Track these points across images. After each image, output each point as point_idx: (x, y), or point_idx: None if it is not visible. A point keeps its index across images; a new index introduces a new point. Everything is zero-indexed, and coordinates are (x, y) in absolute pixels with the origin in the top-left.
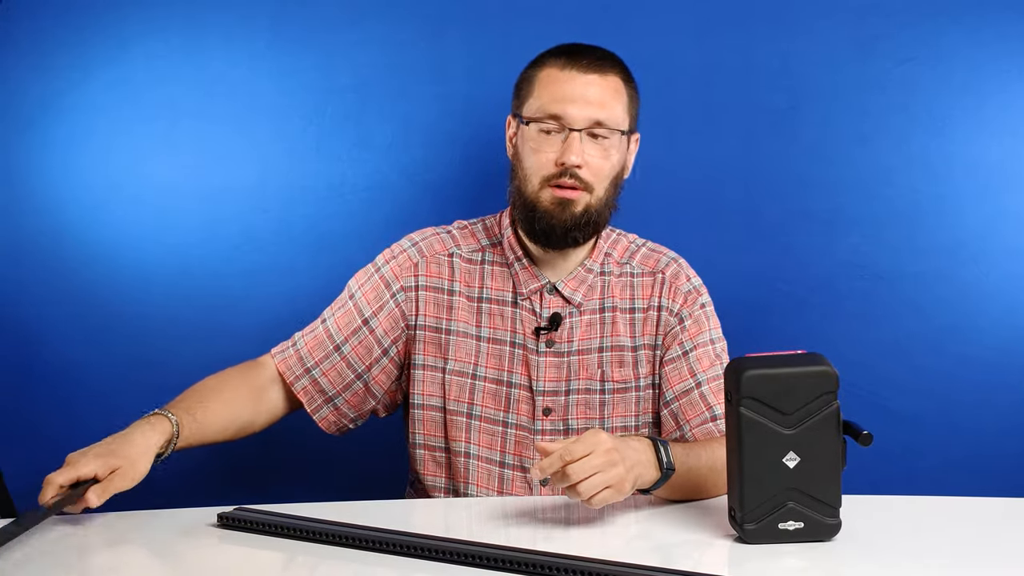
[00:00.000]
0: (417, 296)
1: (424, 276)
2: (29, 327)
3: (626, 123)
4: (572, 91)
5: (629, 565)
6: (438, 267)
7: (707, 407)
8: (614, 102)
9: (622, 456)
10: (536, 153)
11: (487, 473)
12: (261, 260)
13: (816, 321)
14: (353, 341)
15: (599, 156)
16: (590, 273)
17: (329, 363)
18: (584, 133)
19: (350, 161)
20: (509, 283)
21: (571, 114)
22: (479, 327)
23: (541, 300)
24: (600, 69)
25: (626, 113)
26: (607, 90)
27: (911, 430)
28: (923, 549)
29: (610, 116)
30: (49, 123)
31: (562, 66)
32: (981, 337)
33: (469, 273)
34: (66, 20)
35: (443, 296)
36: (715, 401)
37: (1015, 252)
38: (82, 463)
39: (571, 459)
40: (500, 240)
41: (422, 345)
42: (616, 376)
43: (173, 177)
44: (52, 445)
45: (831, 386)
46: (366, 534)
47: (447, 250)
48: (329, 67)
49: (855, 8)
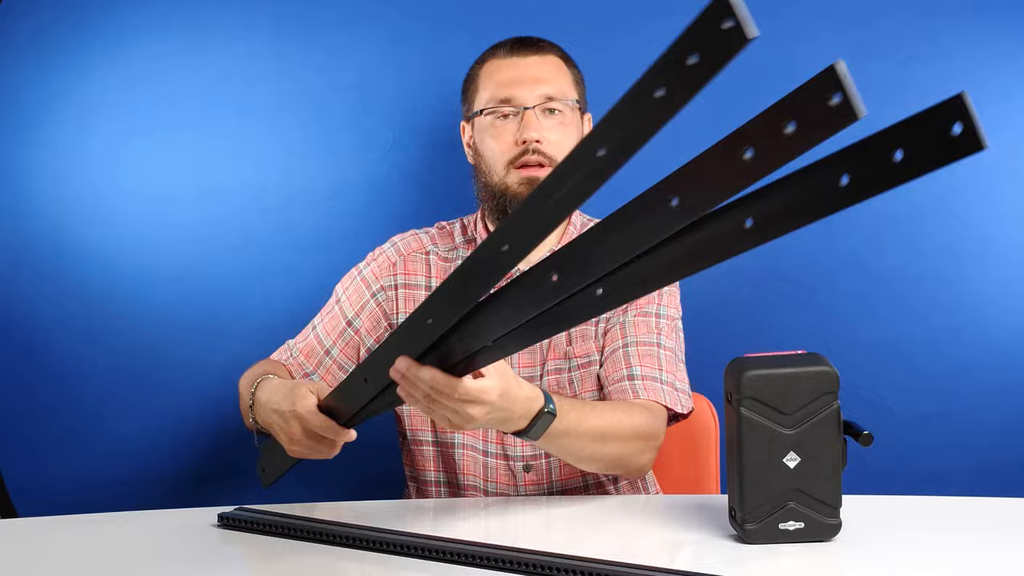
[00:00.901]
0: (397, 295)
1: (402, 275)
2: (29, 327)
3: (576, 96)
4: (517, 73)
5: (629, 565)
6: (415, 265)
7: (627, 366)
8: (559, 77)
9: (495, 414)
10: (495, 139)
11: (474, 461)
12: (261, 260)
13: (817, 321)
14: (340, 343)
15: (557, 131)
16: None
17: (324, 368)
18: (538, 109)
19: (350, 161)
20: None
21: (521, 94)
22: None
23: None
24: (539, 51)
25: (573, 88)
26: (550, 67)
27: (912, 430)
28: (924, 549)
29: (559, 90)
30: (49, 123)
31: (503, 55)
32: (981, 338)
33: (445, 270)
34: (65, 20)
35: (420, 292)
36: (637, 363)
37: (1016, 252)
38: (315, 418)
39: (462, 398)
40: (474, 237)
41: None
42: (578, 351)
43: (173, 177)
44: (52, 445)
45: (832, 386)
46: (366, 534)
47: (423, 248)
48: (330, 67)
49: (855, 8)
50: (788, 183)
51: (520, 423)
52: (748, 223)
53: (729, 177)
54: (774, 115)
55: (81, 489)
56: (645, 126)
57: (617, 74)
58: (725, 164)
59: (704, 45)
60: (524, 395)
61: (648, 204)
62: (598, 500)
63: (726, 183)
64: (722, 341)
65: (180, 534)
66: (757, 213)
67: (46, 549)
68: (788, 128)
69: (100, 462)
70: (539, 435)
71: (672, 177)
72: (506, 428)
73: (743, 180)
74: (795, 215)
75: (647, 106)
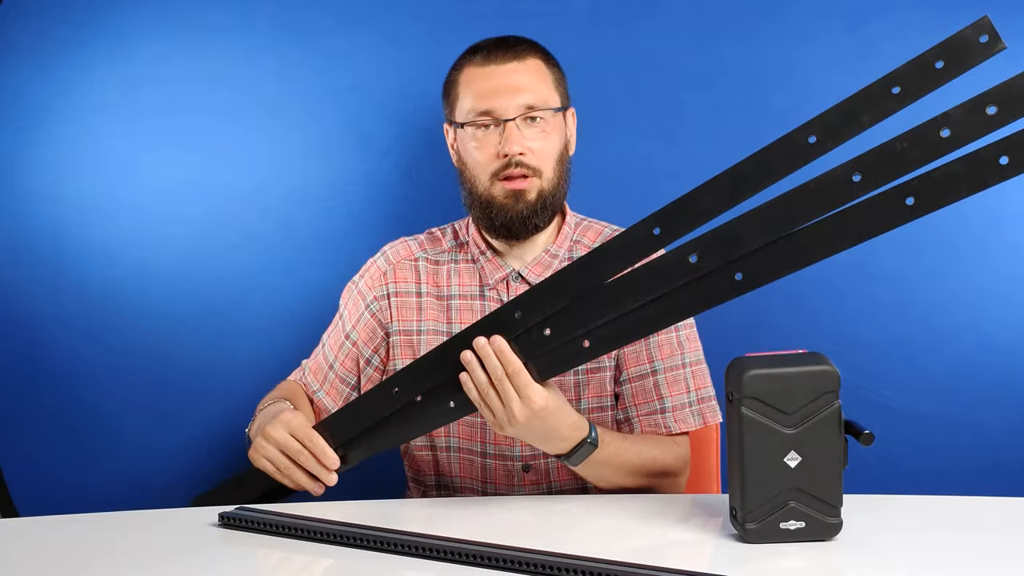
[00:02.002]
0: (390, 303)
1: (393, 283)
2: (30, 326)
3: (557, 100)
4: (496, 83)
5: (629, 565)
6: (404, 272)
7: (658, 397)
8: (539, 83)
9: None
10: (478, 151)
11: (469, 464)
12: (262, 260)
13: (817, 320)
14: (340, 357)
15: (539, 139)
16: (555, 258)
17: (328, 384)
18: (519, 120)
19: (351, 161)
20: (475, 277)
21: (501, 106)
22: (449, 323)
23: (508, 289)
24: (517, 55)
25: (554, 91)
26: (530, 73)
27: (913, 430)
28: (925, 549)
29: (539, 97)
30: (50, 124)
31: (481, 63)
32: (983, 337)
33: (435, 274)
34: (66, 20)
35: (412, 299)
36: (667, 392)
37: (1017, 251)
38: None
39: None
40: (466, 240)
41: (398, 350)
42: None
43: (174, 177)
44: (53, 444)
45: (832, 385)
46: (366, 534)
47: (412, 255)
48: (330, 68)
49: (857, 8)
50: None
51: (561, 446)
52: (909, 201)
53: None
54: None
55: (82, 488)
56: (873, 114)
57: (614, 72)
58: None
59: (952, 54)
60: (569, 421)
61: (830, 181)
62: (598, 500)
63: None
64: (723, 341)
65: (180, 534)
66: (916, 191)
67: (46, 549)
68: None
69: (100, 461)
70: (579, 462)
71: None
72: (547, 447)
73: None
74: (958, 188)
75: (882, 98)
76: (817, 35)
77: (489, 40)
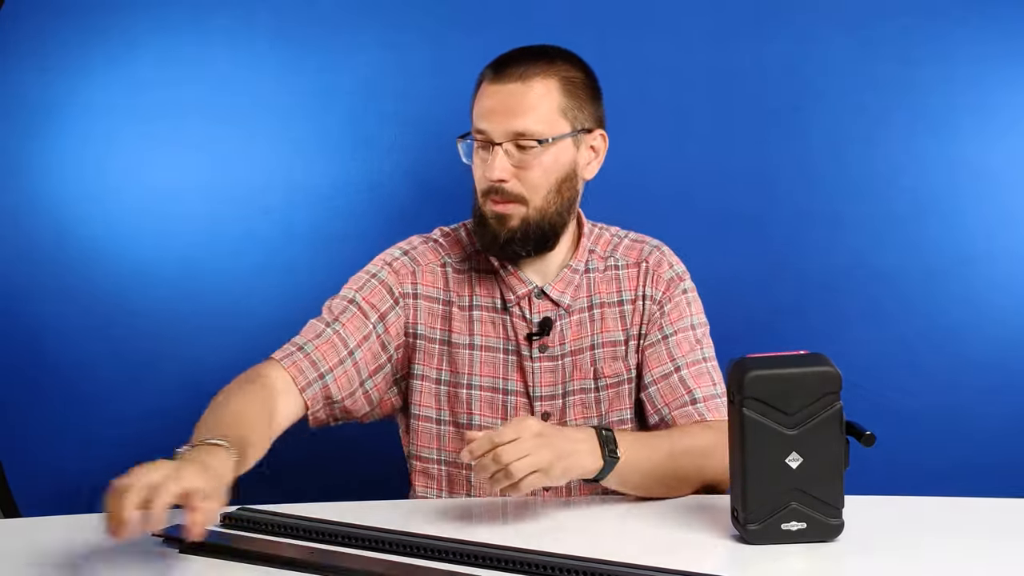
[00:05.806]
0: (416, 305)
1: (421, 285)
2: (32, 326)
3: (563, 126)
4: (492, 105)
5: (629, 565)
6: (432, 277)
7: (687, 391)
8: (537, 108)
9: (549, 441)
10: (475, 168)
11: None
12: (263, 260)
13: (819, 321)
14: (365, 346)
15: (527, 167)
16: (576, 273)
17: (342, 368)
18: (508, 145)
19: (352, 162)
20: (496, 290)
21: (491, 128)
22: (472, 335)
23: (530, 305)
24: (522, 77)
25: (560, 116)
26: (528, 97)
27: (914, 431)
28: (926, 549)
29: (532, 125)
30: (52, 125)
31: (491, 78)
32: (984, 338)
33: (460, 283)
34: (69, 22)
35: (438, 306)
36: (695, 385)
37: (1018, 251)
38: (187, 478)
39: (500, 441)
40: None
41: (422, 355)
42: (608, 371)
43: (176, 178)
44: (54, 444)
45: (834, 386)
46: (368, 534)
47: (440, 260)
48: (331, 68)
49: (860, 10)
50: None
51: (588, 459)
52: None
53: None
54: None
55: (83, 488)
56: None
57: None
58: None
59: None
60: (570, 429)
61: None
62: (599, 500)
63: None
64: (724, 341)
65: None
66: None
67: (47, 548)
68: None
69: (102, 461)
70: (615, 453)
71: None
72: (579, 467)
73: None
74: None
75: None
76: (819, 36)
77: (510, 53)
